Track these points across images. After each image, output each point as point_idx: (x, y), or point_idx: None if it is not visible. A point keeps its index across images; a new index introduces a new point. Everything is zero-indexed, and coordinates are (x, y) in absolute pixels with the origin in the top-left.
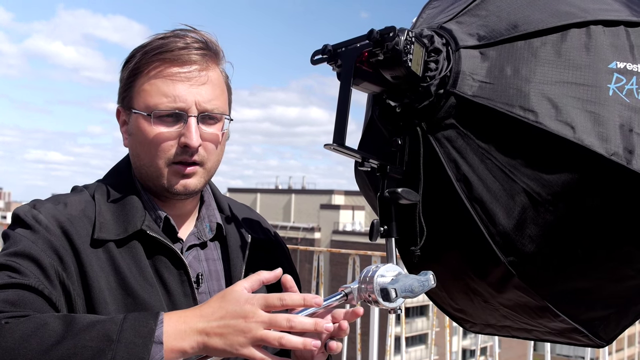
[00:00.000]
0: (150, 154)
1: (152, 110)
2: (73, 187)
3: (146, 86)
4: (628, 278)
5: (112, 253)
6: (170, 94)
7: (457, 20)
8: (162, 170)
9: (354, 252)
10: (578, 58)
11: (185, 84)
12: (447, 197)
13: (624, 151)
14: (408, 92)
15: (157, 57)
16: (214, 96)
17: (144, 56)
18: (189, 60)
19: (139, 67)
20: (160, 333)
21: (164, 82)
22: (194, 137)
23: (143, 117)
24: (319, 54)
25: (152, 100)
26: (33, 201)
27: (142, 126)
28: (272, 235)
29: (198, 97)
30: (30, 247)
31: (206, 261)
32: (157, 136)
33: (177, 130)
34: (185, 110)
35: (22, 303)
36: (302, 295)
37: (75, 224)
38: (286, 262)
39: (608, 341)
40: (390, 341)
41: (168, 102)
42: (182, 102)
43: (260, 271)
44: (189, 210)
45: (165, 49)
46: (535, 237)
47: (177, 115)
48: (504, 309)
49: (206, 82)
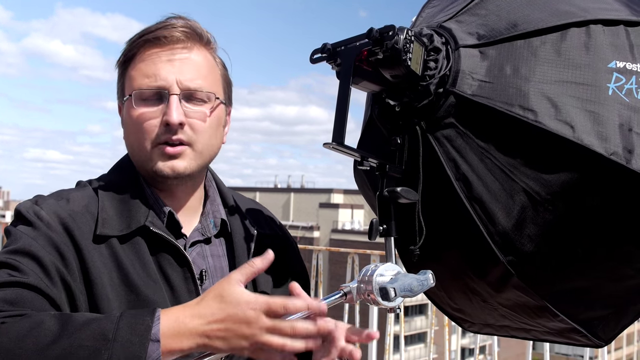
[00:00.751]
0: (137, 137)
1: (135, 90)
2: (77, 182)
3: (132, 72)
4: (627, 277)
5: (115, 249)
6: (152, 73)
7: (456, 19)
8: (149, 152)
9: (353, 251)
10: (578, 57)
11: (165, 63)
12: (446, 196)
13: (623, 150)
14: (407, 91)
15: (140, 40)
16: (198, 75)
17: (130, 44)
18: (171, 40)
19: (126, 56)
20: (157, 330)
21: (145, 64)
22: (174, 114)
23: (129, 101)
24: (318, 52)
25: (136, 83)
26: (35, 197)
27: (129, 111)
28: (278, 228)
29: (180, 76)
30: (31, 245)
31: (211, 257)
32: (140, 116)
33: (160, 109)
34: (167, 88)
35: (21, 302)
36: (306, 303)
37: (78, 220)
38: (294, 256)
39: (607, 341)
40: (390, 340)
41: (149, 82)
42: (163, 80)
43: (253, 260)
44: (193, 205)
45: (147, 31)
46: (534, 237)
47: (160, 95)
48: (503, 309)
49: (187, 61)
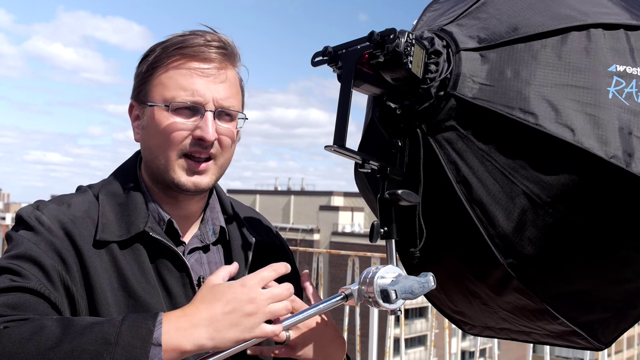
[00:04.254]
0: (164, 145)
1: (168, 101)
2: (77, 187)
3: (164, 79)
4: (627, 281)
5: (114, 254)
6: (189, 87)
7: (457, 22)
8: (173, 163)
9: (354, 254)
10: (578, 61)
11: (203, 79)
12: (446, 199)
13: (623, 154)
14: (408, 94)
15: (177, 51)
16: (230, 94)
17: (164, 51)
18: (209, 58)
19: (158, 62)
20: (159, 334)
21: (182, 76)
22: (210, 130)
23: (159, 108)
24: (319, 55)
25: (170, 93)
26: (37, 202)
27: (157, 117)
28: (275, 237)
29: (216, 94)
30: (33, 249)
31: (208, 264)
32: (172, 126)
33: (193, 122)
34: (203, 104)
35: (24, 306)
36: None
37: (78, 225)
38: (289, 265)
39: (607, 344)
40: (390, 343)
41: (186, 95)
42: (200, 97)
43: (225, 266)
44: (193, 212)
45: (185, 44)
46: (534, 240)
47: (194, 109)
48: (503, 312)
49: (224, 81)
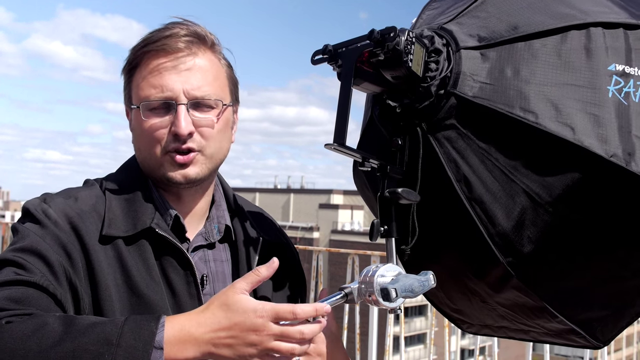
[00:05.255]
0: (147, 145)
1: (143, 101)
2: (85, 181)
3: (139, 80)
4: (625, 279)
5: (120, 250)
6: (158, 84)
7: (457, 21)
8: (159, 160)
9: (353, 252)
10: (578, 60)
11: (171, 72)
12: (446, 197)
13: (623, 153)
14: (408, 92)
15: (144, 49)
16: (204, 82)
17: (134, 52)
18: (175, 49)
19: (132, 64)
20: (161, 338)
21: (152, 74)
22: (182, 125)
23: (137, 110)
24: (319, 54)
25: (143, 93)
26: (44, 195)
27: (137, 119)
28: (282, 236)
29: (186, 85)
30: (38, 243)
31: (213, 262)
32: (150, 127)
33: (169, 119)
34: (174, 99)
35: (27, 300)
36: (314, 306)
37: (85, 219)
38: (295, 264)
39: (605, 342)
40: (389, 341)
41: (156, 93)
42: (169, 91)
43: (258, 268)
44: (199, 209)
45: (150, 40)
46: (534, 238)
47: (167, 105)
48: (502, 309)
49: (193, 69)
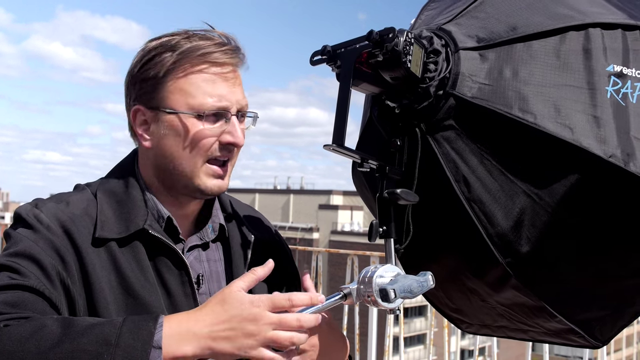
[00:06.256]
0: (190, 152)
1: (196, 109)
2: (75, 186)
3: (185, 86)
4: (624, 279)
5: (113, 252)
6: (215, 93)
7: (456, 21)
8: (198, 169)
9: (353, 253)
10: (576, 61)
11: (225, 84)
12: (445, 197)
13: (622, 153)
14: (407, 93)
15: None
16: (244, 94)
17: (179, 57)
18: (227, 62)
19: (172, 68)
20: (160, 337)
21: (205, 82)
22: (239, 135)
23: (186, 116)
24: (318, 54)
25: (196, 100)
26: (35, 200)
27: (183, 125)
28: (274, 235)
29: (237, 97)
30: (31, 247)
31: (207, 262)
32: (200, 133)
33: (219, 128)
34: (229, 109)
35: (23, 304)
36: (308, 295)
37: (77, 222)
38: (288, 263)
39: (604, 342)
40: (389, 341)
41: (213, 102)
42: (227, 102)
43: (254, 268)
44: (193, 210)
45: (203, 51)
46: (532, 238)
47: (218, 115)
48: (501, 307)
49: (240, 83)
